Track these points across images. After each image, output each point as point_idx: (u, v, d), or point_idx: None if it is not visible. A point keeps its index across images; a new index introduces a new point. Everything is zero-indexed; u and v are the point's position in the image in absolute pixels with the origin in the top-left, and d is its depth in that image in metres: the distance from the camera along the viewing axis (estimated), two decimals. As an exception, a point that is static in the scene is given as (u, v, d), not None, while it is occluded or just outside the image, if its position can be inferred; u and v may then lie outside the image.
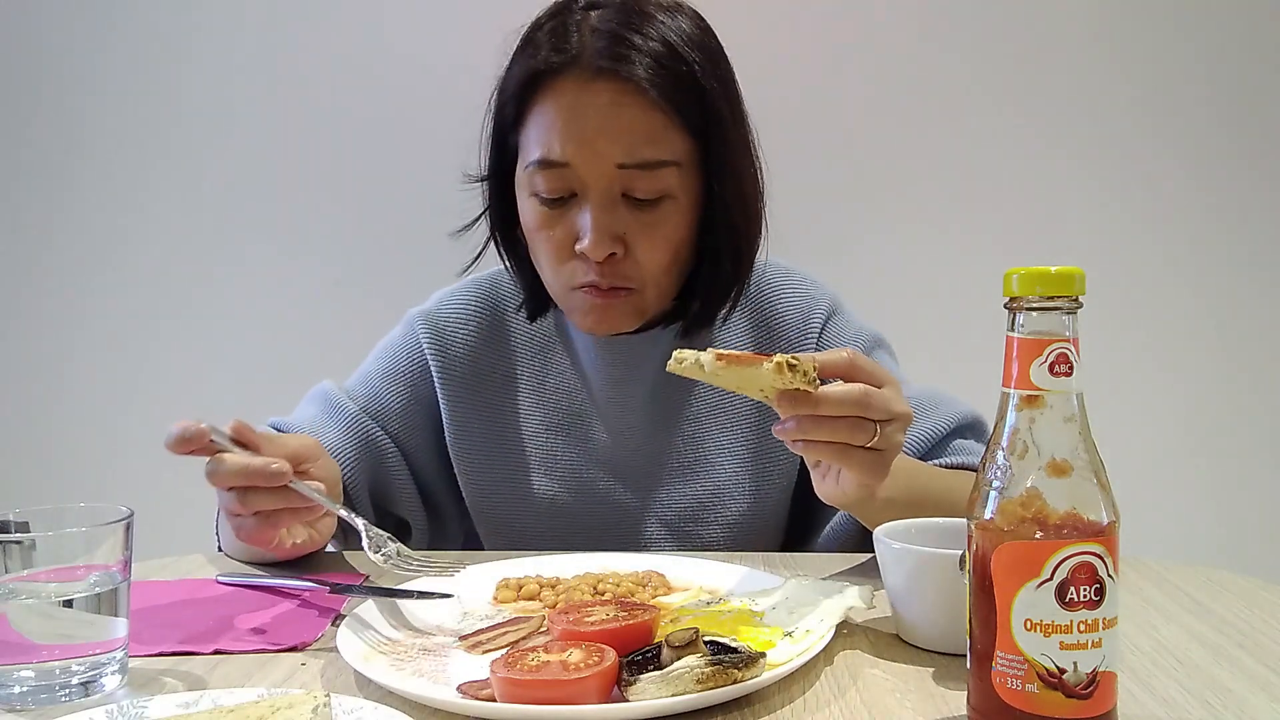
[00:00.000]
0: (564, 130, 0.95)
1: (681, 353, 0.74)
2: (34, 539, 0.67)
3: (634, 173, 0.95)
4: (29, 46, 1.94)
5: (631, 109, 0.95)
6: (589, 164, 0.95)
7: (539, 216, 0.99)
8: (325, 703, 0.59)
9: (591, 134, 0.94)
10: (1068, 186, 1.85)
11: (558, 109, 0.96)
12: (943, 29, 1.85)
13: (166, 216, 1.95)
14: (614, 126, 0.94)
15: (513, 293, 1.12)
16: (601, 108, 0.95)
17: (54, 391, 1.98)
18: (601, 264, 0.96)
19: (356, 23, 1.89)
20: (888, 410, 0.75)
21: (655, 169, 0.96)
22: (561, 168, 0.96)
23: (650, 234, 0.97)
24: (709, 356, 0.72)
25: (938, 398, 1.05)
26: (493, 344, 1.12)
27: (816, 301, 1.10)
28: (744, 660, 0.62)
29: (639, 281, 0.99)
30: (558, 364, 1.11)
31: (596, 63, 0.94)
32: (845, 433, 0.75)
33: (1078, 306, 0.56)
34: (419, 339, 1.11)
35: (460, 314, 1.12)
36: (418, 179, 1.84)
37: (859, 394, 0.74)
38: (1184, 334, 1.87)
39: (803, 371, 0.71)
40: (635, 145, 0.95)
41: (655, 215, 0.97)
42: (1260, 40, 1.83)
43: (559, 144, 0.95)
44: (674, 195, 0.97)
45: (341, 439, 1.07)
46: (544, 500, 1.09)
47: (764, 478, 1.08)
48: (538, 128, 0.97)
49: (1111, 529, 0.55)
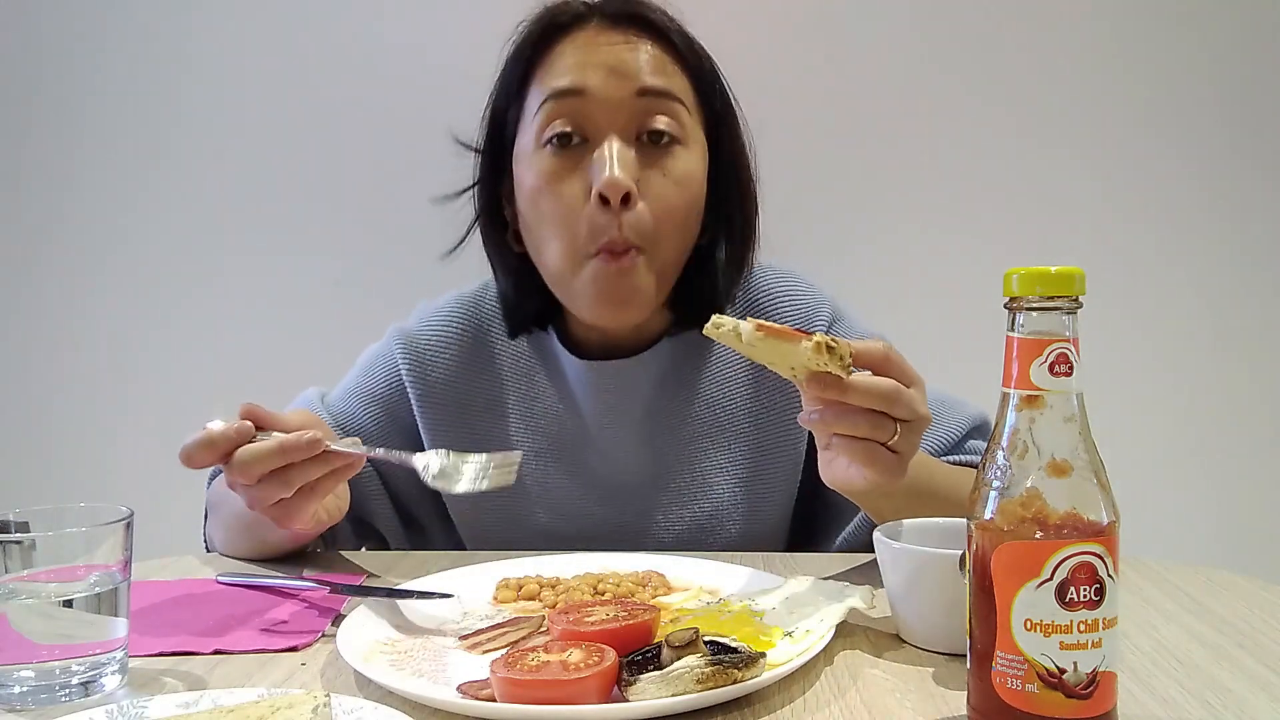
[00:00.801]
0: (580, 62, 0.96)
1: (720, 318, 0.73)
2: (34, 539, 0.67)
3: (651, 101, 0.96)
4: (28, 45, 1.94)
5: (649, 47, 0.97)
6: (606, 90, 0.95)
7: (548, 168, 0.96)
8: (325, 703, 0.59)
9: (609, 63, 0.96)
10: (1068, 186, 1.85)
11: (575, 48, 0.97)
12: (943, 28, 1.84)
13: (166, 216, 1.94)
14: (630, 57, 0.96)
15: (497, 312, 1.09)
16: (618, 44, 0.97)
17: (54, 391, 1.98)
18: (614, 214, 0.94)
19: (357, 22, 1.89)
20: (913, 411, 0.74)
21: (672, 100, 0.97)
22: (577, 97, 0.95)
23: (663, 180, 0.96)
24: (749, 326, 0.71)
25: (948, 401, 1.05)
26: (475, 368, 1.08)
27: (817, 310, 1.08)
28: (744, 660, 0.62)
29: (650, 239, 0.96)
30: (545, 389, 1.07)
31: (610, 10, 0.98)
32: (866, 428, 0.74)
33: (1078, 306, 0.56)
34: (396, 362, 1.08)
35: (441, 337, 1.08)
36: (418, 179, 1.83)
37: (889, 389, 0.73)
38: (1184, 334, 1.87)
39: (839, 356, 0.71)
40: (653, 74, 0.96)
41: (667, 161, 0.97)
42: (1261, 39, 1.83)
43: (573, 75, 0.96)
44: (685, 144, 0.98)
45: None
46: (537, 527, 1.07)
47: (763, 497, 1.06)
48: (547, 73, 0.97)
49: (1111, 529, 0.55)
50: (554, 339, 1.07)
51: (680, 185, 0.97)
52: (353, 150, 1.90)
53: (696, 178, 0.99)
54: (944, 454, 1.02)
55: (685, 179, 0.98)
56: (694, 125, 1.00)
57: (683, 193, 0.98)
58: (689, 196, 0.99)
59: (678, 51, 0.99)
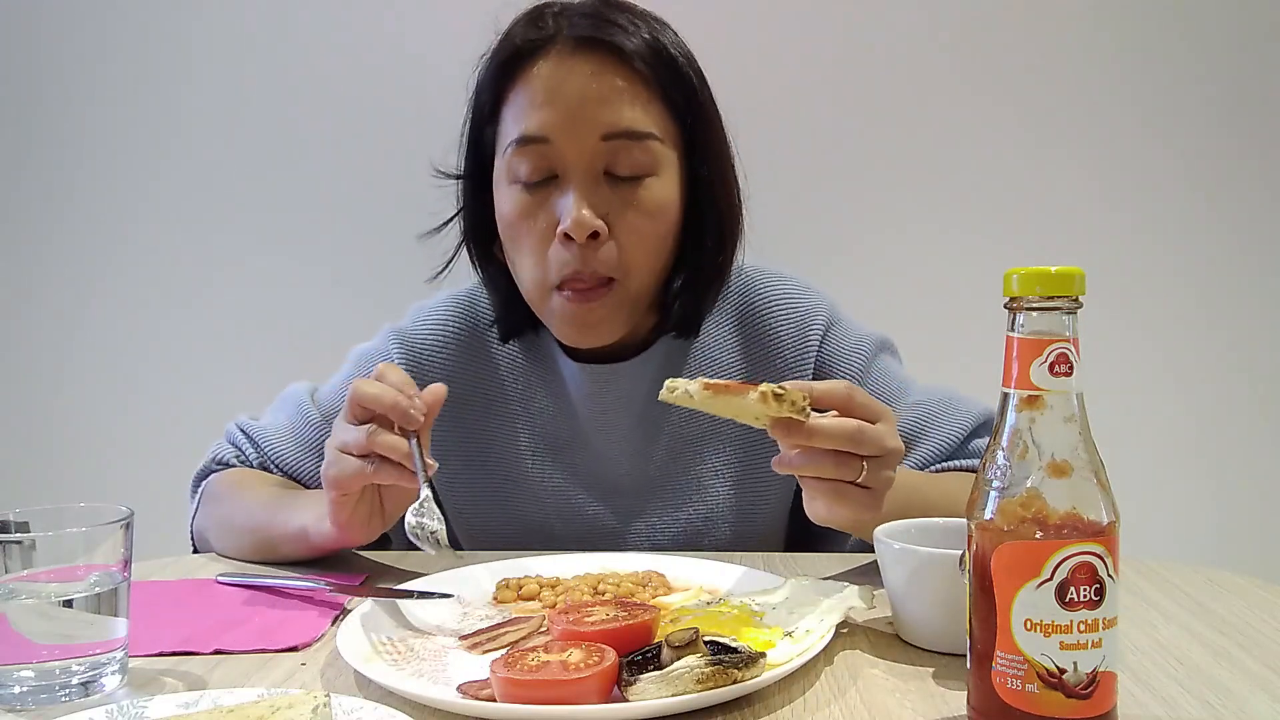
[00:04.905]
0: (544, 104, 0.93)
1: (673, 382, 0.74)
2: (34, 539, 0.67)
3: (618, 144, 0.93)
4: (27, 45, 1.94)
5: (614, 78, 0.93)
6: (570, 138, 0.92)
7: (519, 204, 0.95)
8: (325, 703, 0.59)
9: (573, 106, 0.92)
10: (1068, 186, 1.85)
11: (536, 85, 0.94)
12: (942, 27, 1.84)
13: (166, 217, 1.94)
14: (596, 96, 0.92)
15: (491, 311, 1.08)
16: (583, 77, 0.93)
17: (54, 391, 1.98)
18: (583, 248, 0.93)
19: (358, 21, 1.89)
20: (880, 446, 0.75)
21: (640, 140, 0.94)
22: (541, 144, 0.93)
23: (634, 214, 0.94)
24: (696, 385, 0.72)
25: (951, 399, 1.04)
26: (472, 367, 1.08)
27: (813, 314, 1.06)
28: (744, 660, 0.62)
29: (621, 269, 0.95)
30: (541, 388, 1.07)
31: (576, 34, 0.93)
32: (831, 468, 0.74)
33: (1078, 306, 0.56)
34: (393, 361, 1.06)
35: (438, 336, 1.08)
36: (418, 179, 1.83)
37: (851, 429, 0.73)
38: (1184, 334, 1.87)
39: (790, 401, 0.71)
40: (619, 114, 0.93)
41: (638, 194, 0.95)
42: (1261, 39, 1.83)
43: (538, 119, 0.93)
44: (657, 174, 0.95)
45: (305, 455, 1.07)
46: (532, 526, 1.07)
47: (758, 499, 1.06)
48: (516, 108, 0.95)
49: (1111, 529, 0.55)
50: (550, 339, 1.06)
51: (653, 217, 0.96)
52: (353, 150, 1.90)
53: (670, 204, 0.98)
54: (947, 457, 1.02)
55: (658, 209, 0.96)
56: (667, 150, 0.97)
57: (656, 224, 0.96)
58: (663, 226, 0.97)
59: (648, 74, 0.95)
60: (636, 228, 0.95)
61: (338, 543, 0.91)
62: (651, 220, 0.96)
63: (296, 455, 1.07)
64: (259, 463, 1.08)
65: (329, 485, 0.85)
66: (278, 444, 1.08)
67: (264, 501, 1.00)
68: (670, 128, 0.97)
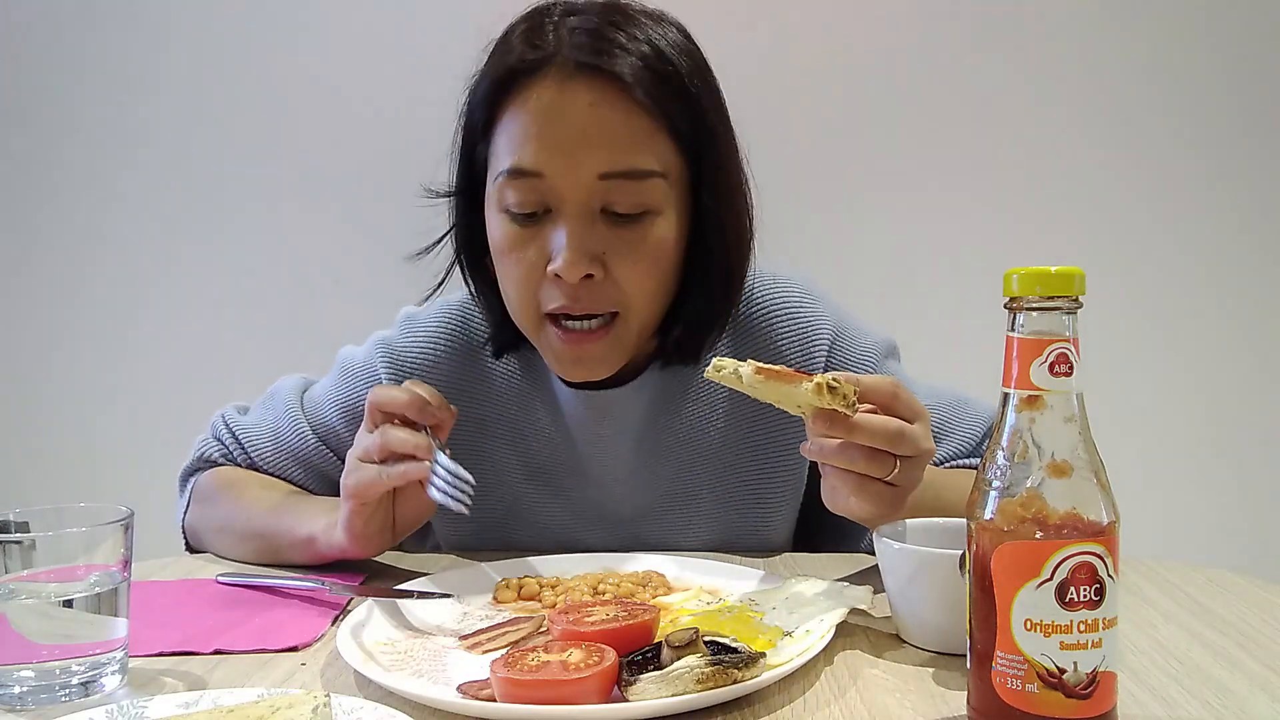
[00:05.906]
0: (538, 136, 0.86)
1: (721, 361, 0.74)
2: (34, 539, 0.67)
3: (616, 184, 0.87)
4: (19, 40, 1.94)
5: (614, 111, 0.86)
6: (566, 174, 0.86)
7: (508, 235, 0.90)
8: (325, 703, 0.59)
9: (569, 140, 0.86)
10: (1068, 185, 1.85)
11: (532, 112, 0.87)
12: (943, 25, 1.84)
13: (164, 216, 1.94)
14: (595, 130, 0.86)
15: (485, 324, 1.02)
16: (581, 109, 0.86)
17: (53, 391, 1.98)
18: (576, 287, 0.88)
19: (353, 18, 1.89)
20: (916, 447, 0.75)
21: (640, 179, 0.87)
22: (534, 178, 0.87)
23: (632, 254, 0.89)
24: (749, 369, 0.72)
25: (961, 402, 1.03)
26: (463, 386, 1.02)
27: (818, 326, 1.01)
28: (744, 660, 0.62)
29: (621, 304, 0.90)
30: (536, 410, 1.02)
31: (576, 58, 0.86)
32: (864, 464, 0.74)
33: (1078, 306, 0.56)
34: (379, 376, 1.03)
35: (427, 353, 1.03)
36: (418, 179, 1.83)
37: (894, 429, 0.73)
38: (1184, 334, 1.87)
39: (842, 395, 0.72)
40: (618, 152, 0.86)
41: (638, 233, 0.89)
42: (1267, 35, 1.83)
43: (532, 151, 0.86)
44: (658, 211, 0.89)
45: (288, 462, 1.06)
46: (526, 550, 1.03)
47: (760, 524, 1.02)
48: (509, 134, 0.88)
49: (1111, 529, 0.55)
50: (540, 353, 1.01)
51: (653, 256, 0.90)
52: (353, 150, 1.90)
53: (672, 241, 0.91)
54: (965, 457, 1.01)
55: (659, 248, 0.90)
56: (670, 186, 0.90)
57: (657, 263, 0.91)
58: (664, 264, 0.92)
59: (651, 105, 0.87)
60: (635, 266, 0.89)
61: (347, 553, 0.90)
62: (652, 259, 0.90)
63: (277, 459, 1.06)
64: (246, 464, 1.08)
65: (347, 494, 0.85)
66: (262, 447, 1.06)
67: (267, 507, 0.99)
68: (674, 161, 0.90)
